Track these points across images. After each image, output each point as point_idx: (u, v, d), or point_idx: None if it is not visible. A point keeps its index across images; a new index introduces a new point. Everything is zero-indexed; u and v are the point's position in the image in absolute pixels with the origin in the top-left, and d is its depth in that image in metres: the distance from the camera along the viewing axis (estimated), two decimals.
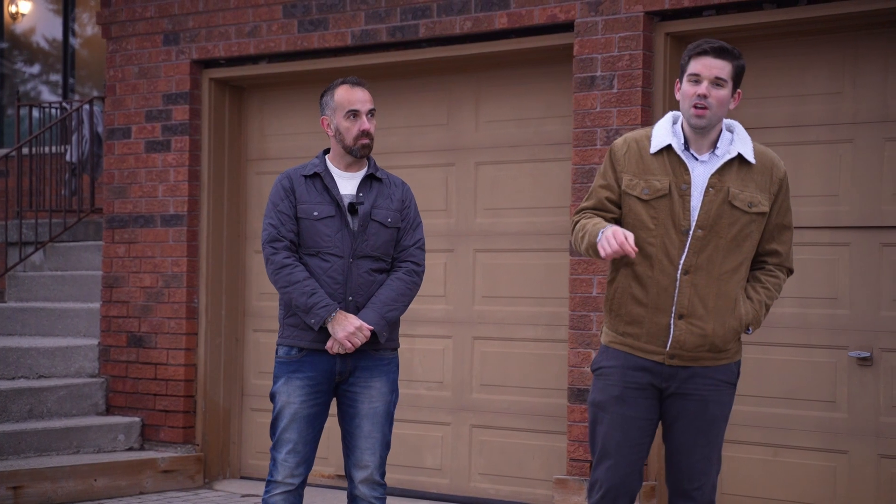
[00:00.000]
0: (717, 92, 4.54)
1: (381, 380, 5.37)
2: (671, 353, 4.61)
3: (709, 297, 4.57)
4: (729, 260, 4.59)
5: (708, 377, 4.64)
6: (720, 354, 4.65)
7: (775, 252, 4.72)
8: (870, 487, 6.79)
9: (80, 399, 9.00)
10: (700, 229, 4.55)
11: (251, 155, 9.06)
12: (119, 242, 9.16)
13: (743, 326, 4.66)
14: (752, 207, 4.60)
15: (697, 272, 4.55)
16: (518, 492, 7.87)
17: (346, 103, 5.32)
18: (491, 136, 8.07)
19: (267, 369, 8.86)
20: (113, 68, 9.25)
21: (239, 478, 9.01)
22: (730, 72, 4.56)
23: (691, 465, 4.66)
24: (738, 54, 4.61)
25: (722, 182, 4.58)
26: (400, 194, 5.41)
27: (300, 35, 8.42)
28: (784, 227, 4.72)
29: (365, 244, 5.30)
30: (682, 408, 4.65)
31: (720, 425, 4.70)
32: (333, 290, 5.27)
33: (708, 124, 4.58)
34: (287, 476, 5.34)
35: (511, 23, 7.62)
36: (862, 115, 6.86)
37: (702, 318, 4.57)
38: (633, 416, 4.66)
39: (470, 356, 8.12)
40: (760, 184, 4.63)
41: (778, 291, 4.76)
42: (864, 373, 6.82)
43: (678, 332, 4.58)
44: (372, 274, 5.32)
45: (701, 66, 4.55)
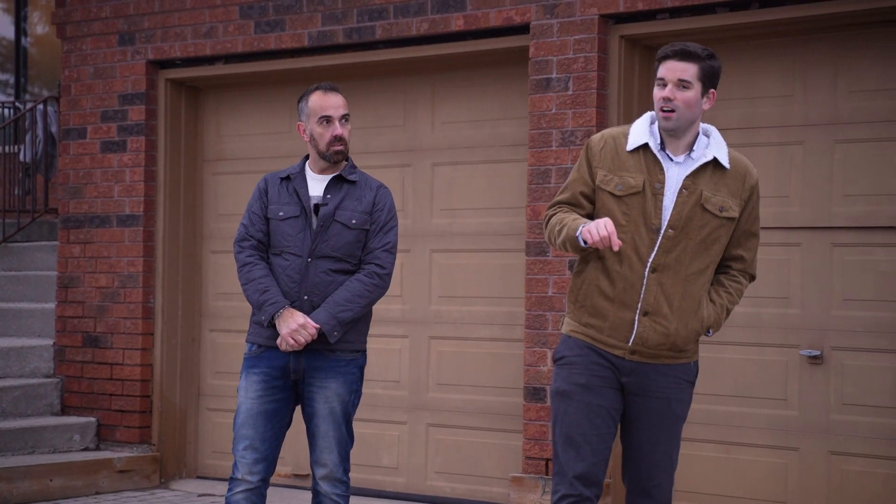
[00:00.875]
0: (682, 94, 4.57)
1: (337, 381, 5.39)
2: (633, 348, 4.65)
3: (674, 296, 4.62)
4: (696, 262, 4.64)
5: (670, 375, 4.69)
6: (680, 354, 4.71)
7: (741, 258, 4.77)
8: (820, 483, 6.90)
9: (35, 399, 8.97)
10: (671, 229, 4.60)
11: (207, 156, 9.07)
12: (74, 242, 9.14)
13: (704, 328, 4.72)
14: (722, 212, 4.64)
15: (665, 271, 4.61)
16: (474, 490, 7.94)
17: (318, 109, 5.37)
18: (447, 138, 8.12)
19: (223, 369, 8.88)
20: (68, 68, 9.23)
21: (195, 477, 9.01)
22: (695, 73, 4.58)
23: (653, 463, 4.71)
24: (706, 55, 4.62)
25: (695, 185, 4.63)
26: (372, 197, 5.43)
27: (257, 36, 8.44)
28: (751, 234, 4.78)
29: (325, 244, 5.34)
30: (645, 406, 4.70)
31: (681, 424, 4.76)
32: (290, 288, 5.33)
33: (676, 126, 4.62)
34: (246, 473, 5.36)
35: (467, 25, 7.68)
36: (812, 117, 6.97)
37: (666, 317, 4.62)
38: (599, 405, 4.68)
39: (426, 355, 8.17)
40: (733, 189, 4.67)
41: (739, 297, 4.82)
42: (814, 371, 6.93)
43: (642, 329, 4.63)
44: (331, 274, 5.35)
45: (665, 70, 4.60)
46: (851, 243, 6.86)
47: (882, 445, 6.74)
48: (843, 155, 6.88)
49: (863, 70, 6.84)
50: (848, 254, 6.87)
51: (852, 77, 6.87)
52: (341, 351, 5.40)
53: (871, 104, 6.81)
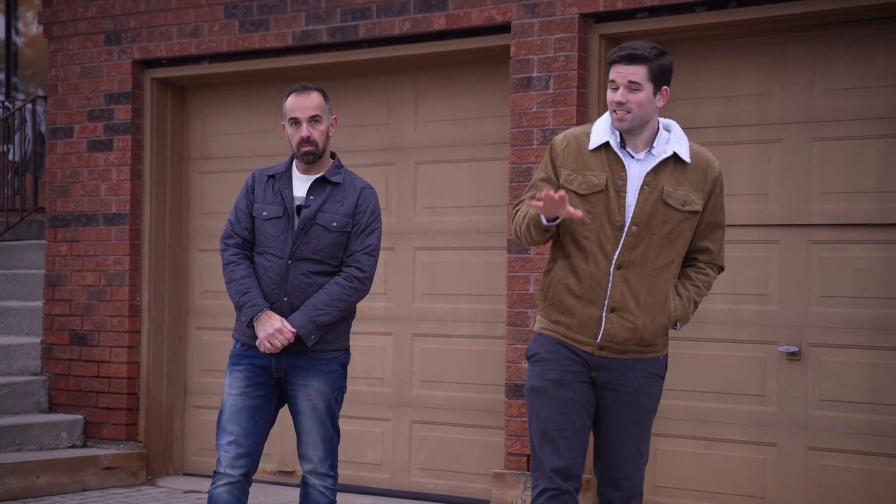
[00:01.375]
0: (633, 96, 4.63)
1: (318, 379, 5.46)
2: (601, 344, 4.71)
3: (640, 292, 4.68)
4: (661, 257, 4.69)
5: (638, 369, 4.75)
6: (648, 348, 4.77)
7: (707, 250, 4.83)
8: (798, 479, 6.96)
9: (22, 397, 9.03)
10: (634, 226, 4.66)
11: (193, 154, 9.12)
12: (62, 241, 9.19)
13: (671, 322, 4.77)
14: (685, 206, 4.69)
15: (630, 267, 4.66)
16: (457, 486, 7.99)
17: (288, 111, 5.46)
18: (430, 136, 8.18)
19: (209, 367, 8.93)
20: (55, 68, 9.28)
21: (182, 474, 9.07)
22: (645, 74, 4.63)
23: (622, 456, 4.77)
24: (655, 55, 4.66)
25: (657, 180, 4.68)
26: (355, 199, 5.47)
27: (241, 35, 8.49)
28: (716, 226, 4.82)
29: (305, 246, 5.39)
30: (614, 399, 4.75)
31: (650, 417, 4.81)
32: (270, 289, 5.40)
33: (630, 126, 4.67)
34: (228, 466, 5.43)
35: (449, 24, 7.74)
36: (790, 115, 7.02)
37: (633, 312, 4.68)
38: (573, 399, 4.73)
39: (410, 353, 8.22)
40: (695, 183, 4.73)
41: (707, 289, 4.86)
42: (792, 367, 6.99)
43: (609, 325, 4.69)
44: (311, 276, 5.40)
45: (615, 74, 4.66)
46: (829, 240, 6.91)
47: (858, 441, 6.79)
48: (821, 153, 6.94)
49: (840, 69, 6.90)
50: (825, 251, 6.92)
51: (829, 76, 6.93)
52: (321, 351, 5.46)
53: (848, 102, 6.87)
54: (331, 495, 5.57)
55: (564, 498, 4.75)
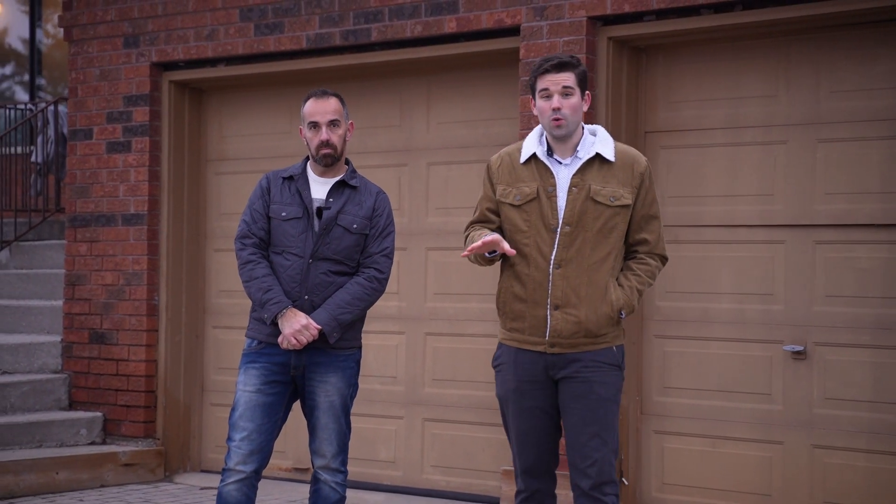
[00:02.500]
0: (567, 101, 4.96)
1: (336, 375, 5.62)
2: (551, 341, 4.97)
3: (580, 286, 4.94)
4: (597, 251, 4.96)
5: (590, 360, 4.98)
6: (598, 339, 5.00)
7: (644, 241, 5.09)
8: (804, 476, 7.05)
9: (43, 394, 9.20)
10: (567, 225, 4.95)
11: (210, 155, 9.28)
12: (81, 241, 9.36)
13: (615, 311, 5.00)
14: (614, 201, 4.98)
15: (568, 265, 4.94)
16: (468, 483, 8.12)
17: (307, 115, 5.63)
18: (442, 137, 8.31)
19: (226, 365, 9.08)
20: (75, 70, 9.45)
21: (199, 471, 9.23)
22: (574, 80, 4.98)
23: (582, 444, 4.97)
24: (578, 62, 5.03)
25: (584, 181, 4.98)
26: (372, 202, 5.66)
27: (257, 38, 8.64)
28: (651, 217, 5.10)
29: (326, 247, 5.55)
30: (570, 390, 4.99)
31: (609, 406, 5.00)
32: (291, 288, 5.54)
33: (567, 132, 4.99)
34: (239, 462, 5.55)
35: (460, 27, 7.86)
36: (795, 117, 7.11)
37: (575, 306, 4.95)
38: (532, 406, 5.04)
39: (422, 351, 8.35)
40: (622, 179, 5.00)
41: (650, 277, 5.11)
42: (798, 366, 7.08)
43: (554, 322, 4.96)
44: (331, 276, 5.56)
45: (548, 82, 4.98)
46: (833, 241, 7.00)
47: (862, 439, 6.88)
48: (825, 154, 7.03)
49: (844, 71, 6.99)
50: (830, 251, 7.01)
51: (834, 78, 7.02)
52: (338, 348, 5.61)
53: (853, 104, 6.96)
54: (341, 491, 5.72)
55: (537, 497, 5.11)
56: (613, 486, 4.97)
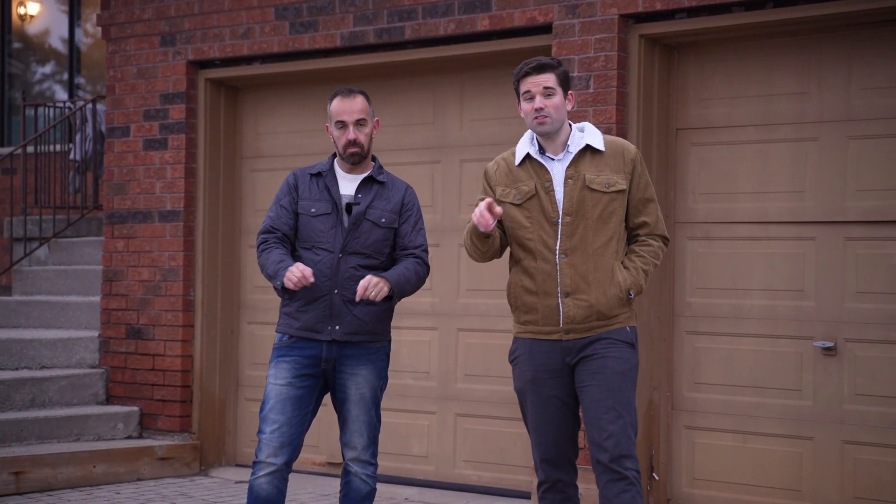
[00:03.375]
0: (550, 101, 5.19)
1: (367, 367, 5.70)
2: (566, 328, 5.13)
3: (588, 272, 5.12)
4: (599, 237, 5.15)
5: (603, 339, 5.14)
6: (610, 321, 5.16)
7: (644, 224, 5.26)
8: (834, 472, 7.09)
9: (80, 389, 9.34)
10: (567, 216, 5.15)
11: (245, 153, 9.39)
12: (118, 237, 9.49)
13: (623, 292, 5.16)
14: (610, 188, 5.17)
15: (573, 253, 5.13)
16: (500, 478, 8.19)
17: (335, 114, 5.71)
18: (475, 135, 8.38)
19: (261, 360, 9.19)
20: (112, 69, 9.59)
21: (234, 465, 9.34)
22: (555, 80, 5.20)
23: (598, 417, 5.08)
24: (558, 63, 5.24)
25: (578, 172, 5.19)
26: (400, 197, 5.76)
27: (291, 37, 8.74)
28: (647, 200, 5.27)
29: (356, 241, 5.64)
30: (585, 369, 5.13)
31: (624, 381, 5.12)
32: (321, 282, 5.62)
33: (551, 129, 5.20)
34: (270, 455, 5.62)
35: (492, 25, 7.93)
36: (826, 114, 7.15)
37: (585, 291, 5.12)
38: (549, 395, 5.18)
39: (455, 347, 8.43)
40: (614, 167, 5.20)
41: (654, 257, 5.27)
42: (828, 362, 7.11)
43: (567, 309, 5.12)
44: (360, 269, 5.65)
45: (529, 84, 5.22)
46: (864, 237, 7.03)
47: (893, 435, 6.91)
48: (857, 151, 7.06)
49: (876, 68, 7.02)
50: (860, 248, 7.05)
51: (865, 74, 7.05)
52: (369, 341, 5.70)
53: (884, 101, 6.98)
54: (372, 483, 5.79)
55: (558, 487, 5.24)
56: (633, 461, 5.06)
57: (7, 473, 8.09)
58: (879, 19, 6.97)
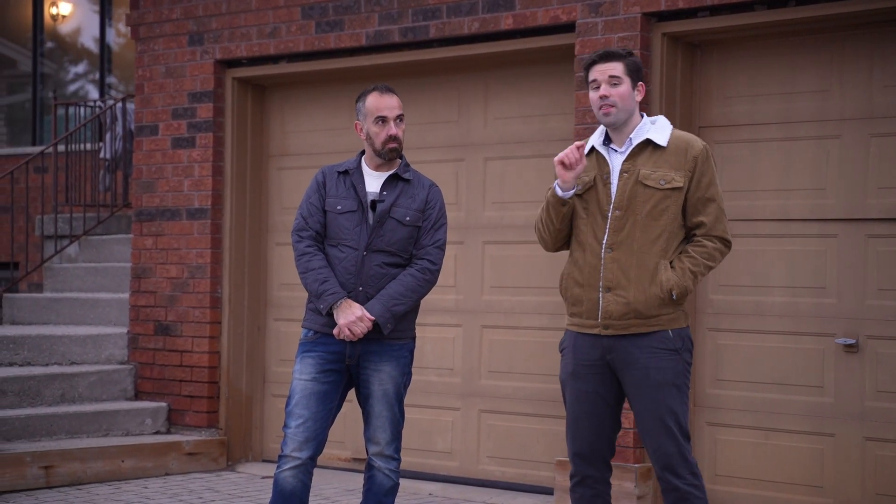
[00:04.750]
0: (615, 90, 5.14)
1: (390, 364, 5.76)
2: (603, 323, 5.12)
3: (630, 268, 5.09)
4: (647, 233, 5.10)
5: (645, 346, 5.09)
6: (650, 321, 5.10)
7: (701, 224, 5.17)
8: (856, 469, 7.11)
9: (109, 385, 9.44)
10: (617, 210, 5.12)
11: (272, 151, 9.48)
12: (147, 235, 9.60)
13: (664, 292, 5.09)
14: (664, 184, 5.11)
15: (619, 248, 5.10)
16: (523, 474, 8.24)
17: (374, 110, 5.72)
18: (499, 133, 8.44)
19: (287, 356, 9.27)
20: (141, 68, 9.69)
21: (260, 461, 9.43)
22: (623, 69, 5.15)
23: (647, 429, 5.10)
24: (627, 53, 5.19)
25: (634, 166, 5.15)
26: (425, 195, 5.80)
27: (317, 36, 8.82)
28: (708, 200, 5.18)
29: (380, 239, 5.70)
30: (629, 377, 5.12)
31: (668, 391, 5.08)
32: (346, 279, 5.69)
33: (616, 120, 5.16)
34: (295, 449, 5.69)
35: (516, 23, 7.98)
36: (848, 112, 7.17)
37: (624, 288, 5.09)
38: (586, 390, 5.18)
39: (479, 344, 8.49)
40: (674, 163, 5.13)
41: (707, 259, 5.15)
42: (850, 359, 7.13)
43: (606, 304, 5.11)
44: (385, 267, 5.71)
45: (596, 73, 5.18)
46: (886, 234, 7.05)
47: None
48: (879, 148, 7.08)
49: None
50: (882, 245, 7.06)
51: (887, 72, 7.06)
52: (395, 338, 5.76)
53: None
54: (395, 478, 5.84)
55: (588, 482, 5.23)
56: (685, 468, 5.05)
57: (37, 467, 8.20)
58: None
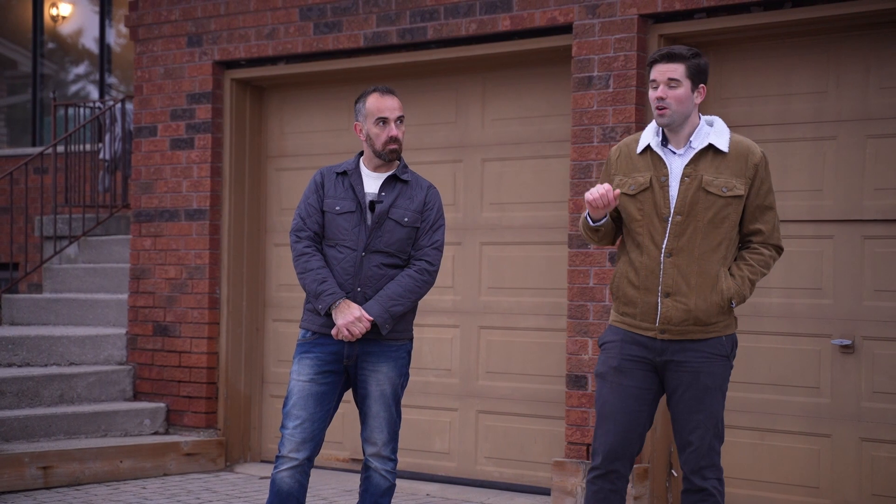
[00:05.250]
0: (673, 92, 5.09)
1: (388, 364, 5.79)
2: (661, 328, 5.15)
3: (690, 275, 5.09)
4: (708, 241, 5.09)
5: (699, 350, 5.15)
6: (708, 328, 5.15)
7: (759, 231, 5.20)
8: (851, 469, 7.13)
9: (108, 385, 9.47)
10: (678, 215, 5.10)
11: (271, 152, 9.51)
12: (146, 236, 9.63)
13: (725, 300, 5.13)
14: (726, 192, 5.09)
15: (679, 254, 5.09)
16: (521, 474, 8.27)
17: (375, 111, 5.75)
18: (496, 134, 8.47)
19: (285, 357, 9.30)
20: (140, 69, 9.72)
21: (259, 461, 9.46)
22: (683, 72, 5.10)
23: (684, 429, 5.18)
24: (691, 55, 5.12)
25: (696, 171, 5.11)
26: (423, 196, 5.83)
27: (316, 37, 8.85)
28: (766, 208, 5.20)
29: (379, 240, 5.73)
30: (677, 379, 5.18)
31: (714, 395, 5.17)
32: (344, 280, 5.72)
33: (671, 122, 5.12)
34: (292, 450, 5.72)
35: (514, 25, 8.01)
36: (845, 113, 7.19)
37: (685, 294, 5.09)
38: (629, 385, 5.21)
39: (476, 344, 8.52)
40: (735, 170, 5.12)
41: (763, 266, 5.21)
42: (846, 360, 7.16)
43: (665, 309, 5.12)
44: (383, 268, 5.74)
45: (656, 73, 5.12)
46: (882, 236, 7.08)
47: None
48: (875, 150, 7.11)
49: (894, 67, 7.06)
50: (879, 246, 7.09)
51: (884, 74, 7.09)
52: (391, 339, 5.79)
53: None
54: (391, 478, 5.87)
55: (610, 477, 5.24)
56: (715, 470, 5.17)
57: (35, 468, 8.23)
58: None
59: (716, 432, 5.17)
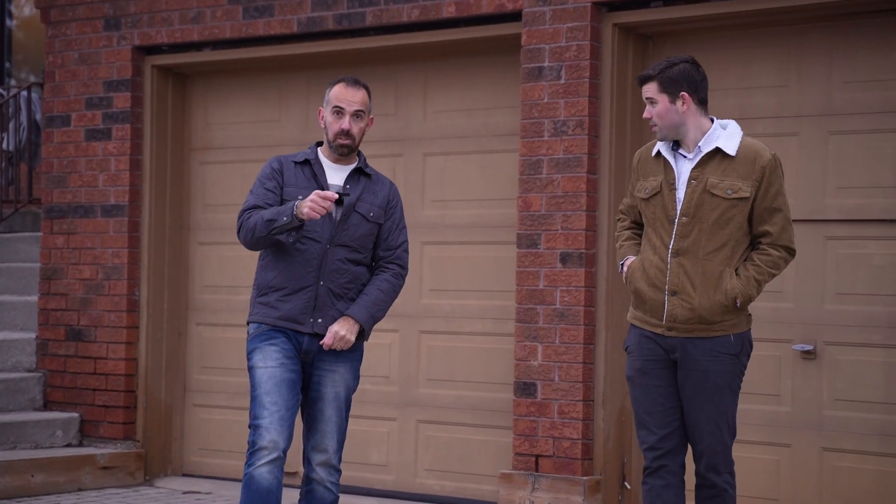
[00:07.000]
0: (654, 109, 5.63)
1: (345, 366, 5.94)
2: (668, 325, 5.63)
3: (695, 275, 5.56)
4: (712, 241, 5.55)
5: (706, 349, 5.60)
6: (712, 326, 5.59)
7: (767, 233, 5.62)
8: (812, 480, 7.36)
9: (16, 394, 9.46)
10: (684, 216, 5.58)
11: (195, 144, 9.56)
12: (58, 233, 9.63)
13: (729, 300, 5.54)
14: (731, 194, 5.53)
15: (685, 254, 5.57)
16: (464, 487, 8.40)
17: (334, 99, 5.90)
18: (439, 127, 8.60)
19: (210, 364, 9.36)
20: (52, 54, 9.72)
21: (181, 475, 9.49)
22: (656, 88, 5.60)
23: (698, 429, 5.63)
24: (661, 69, 5.60)
25: (703, 174, 5.58)
26: (386, 193, 6.01)
27: (245, 22, 8.92)
28: (775, 210, 5.60)
29: (344, 233, 5.86)
30: (687, 377, 5.63)
31: (724, 393, 5.63)
32: (307, 272, 5.82)
33: (665, 136, 5.64)
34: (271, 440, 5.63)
35: (459, 11, 8.15)
36: (806, 108, 7.42)
37: (690, 293, 5.56)
38: (655, 385, 5.69)
39: (416, 350, 8.64)
40: (742, 172, 5.55)
41: (771, 267, 5.61)
42: (807, 366, 7.39)
43: (671, 307, 5.60)
44: (346, 263, 5.88)
45: (641, 93, 5.66)
46: (845, 236, 7.31)
47: (873, 441, 7.19)
48: (837, 146, 7.34)
49: (857, 61, 7.29)
50: (841, 247, 7.32)
51: (847, 68, 7.32)
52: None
53: (866, 95, 7.26)
54: (335, 490, 5.96)
55: (661, 472, 5.70)
56: (725, 466, 5.65)
57: None
58: (862, 10, 7.24)
59: (728, 430, 5.64)
